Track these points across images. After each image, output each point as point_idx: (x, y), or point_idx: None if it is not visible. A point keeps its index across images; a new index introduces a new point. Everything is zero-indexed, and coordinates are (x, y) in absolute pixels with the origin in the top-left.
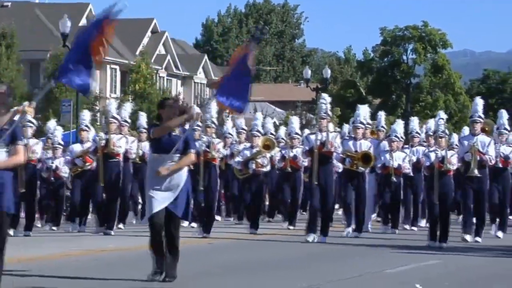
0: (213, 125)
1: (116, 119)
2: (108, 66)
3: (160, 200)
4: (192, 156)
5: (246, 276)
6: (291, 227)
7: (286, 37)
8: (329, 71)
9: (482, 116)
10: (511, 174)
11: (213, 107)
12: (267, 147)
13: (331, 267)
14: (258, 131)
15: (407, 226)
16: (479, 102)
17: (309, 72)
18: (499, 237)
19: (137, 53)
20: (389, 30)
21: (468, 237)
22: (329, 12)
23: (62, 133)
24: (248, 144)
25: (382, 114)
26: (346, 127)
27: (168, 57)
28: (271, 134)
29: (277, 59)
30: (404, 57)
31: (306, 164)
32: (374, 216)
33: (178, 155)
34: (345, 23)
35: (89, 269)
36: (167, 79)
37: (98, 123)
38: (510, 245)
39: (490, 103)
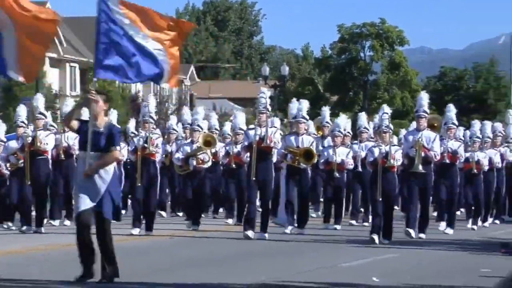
0: (150, 120)
1: (44, 115)
2: (67, 64)
3: (86, 199)
4: (115, 154)
5: (209, 270)
6: (230, 222)
7: (244, 34)
8: (287, 68)
9: (428, 111)
10: (459, 169)
11: (152, 102)
12: (208, 143)
13: (287, 261)
14: (199, 125)
15: (353, 222)
16: (424, 96)
17: (267, 69)
18: (448, 234)
19: None
20: (346, 28)
21: (412, 232)
22: (287, 10)
23: None
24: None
25: (326, 110)
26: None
27: None
28: (215, 129)
29: (235, 56)
30: (362, 54)
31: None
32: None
33: (99, 153)
34: (303, 21)
35: (62, 264)
36: None
37: (59, 121)
38: (465, 239)
39: (446, 99)
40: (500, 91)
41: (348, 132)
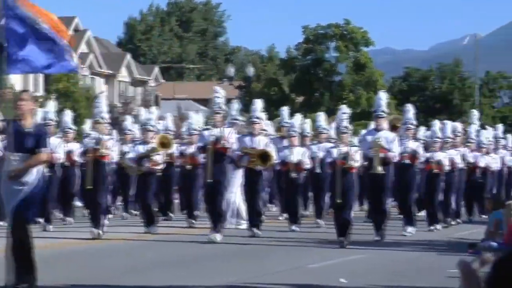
0: (102, 120)
1: None
2: None
3: (11, 204)
4: (42, 156)
5: (175, 271)
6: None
7: (209, 35)
8: (252, 69)
9: (386, 110)
10: (417, 170)
11: (103, 101)
12: (164, 145)
13: (255, 263)
14: (152, 125)
15: (319, 221)
16: (383, 96)
17: (233, 70)
18: (411, 234)
19: None
20: (311, 29)
21: (379, 238)
22: (252, 11)
23: None
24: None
25: (285, 110)
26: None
27: (91, 55)
28: (171, 130)
29: (200, 57)
30: (327, 55)
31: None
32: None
33: (26, 154)
34: (268, 22)
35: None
36: (90, 77)
37: None
38: (432, 240)
39: (412, 100)
40: (465, 92)
41: (308, 133)
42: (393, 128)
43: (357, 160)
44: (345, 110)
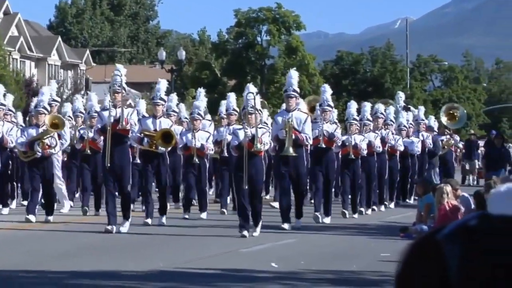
0: (1, 107)
1: None
2: None
3: None
4: None
5: (102, 258)
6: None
7: (140, 18)
8: (183, 53)
9: (298, 90)
10: (336, 154)
11: None
12: (55, 125)
13: (184, 248)
14: (44, 108)
15: (224, 210)
16: (294, 74)
17: (164, 53)
18: (326, 223)
19: None
20: (243, 12)
21: (286, 226)
22: None
23: None
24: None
25: (202, 91)
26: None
27: (21, 38)
28: (80, 112)
29: (132, 40)
30: (258, 39)
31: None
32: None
33: None
34: (200, 5)
35: None
36: (20, 61)
37: None
38: (364, 224)
39: (344, 84)
40: (397, 75)
41: (225, 115)
42: (312, 109)
43: (265, 143)
44: (251, 90)
